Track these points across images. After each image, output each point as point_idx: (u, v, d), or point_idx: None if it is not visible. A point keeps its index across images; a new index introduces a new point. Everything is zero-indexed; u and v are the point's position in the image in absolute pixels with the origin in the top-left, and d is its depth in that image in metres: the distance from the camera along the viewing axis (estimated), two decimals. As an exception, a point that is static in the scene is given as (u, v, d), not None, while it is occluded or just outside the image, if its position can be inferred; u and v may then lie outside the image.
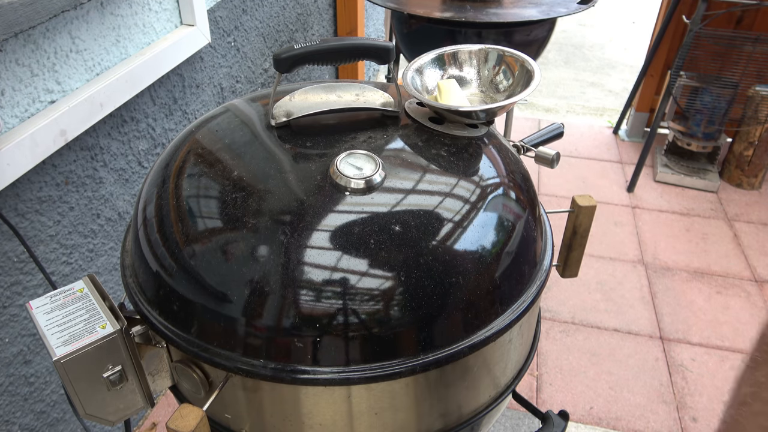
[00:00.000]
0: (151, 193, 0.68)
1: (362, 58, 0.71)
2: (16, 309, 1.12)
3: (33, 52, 1.04)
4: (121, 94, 1.23)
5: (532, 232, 0.68)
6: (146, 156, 1.43)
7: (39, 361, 1.21)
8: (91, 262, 1.31)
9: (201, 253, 0.60)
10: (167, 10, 1.39)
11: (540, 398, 1.68)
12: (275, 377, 0.57)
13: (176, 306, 0.61)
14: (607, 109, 3.25)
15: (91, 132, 1.22)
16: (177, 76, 1.49)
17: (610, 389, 1.70)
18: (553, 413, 0.72)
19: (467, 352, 0.59)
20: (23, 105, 1.04)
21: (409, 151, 0.68)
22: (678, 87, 2.43)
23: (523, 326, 0.69)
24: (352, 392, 0.59)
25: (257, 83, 1.96)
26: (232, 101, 0.79)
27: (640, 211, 2.43)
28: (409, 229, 0.59)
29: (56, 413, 1.29)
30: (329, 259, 0.57)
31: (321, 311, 0.56)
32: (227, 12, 1.69)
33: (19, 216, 1.09)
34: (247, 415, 0.64)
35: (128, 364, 0.61)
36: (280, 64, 0.67)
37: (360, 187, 0.60)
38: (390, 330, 0.56)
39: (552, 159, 0.84)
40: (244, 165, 0.65)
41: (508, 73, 0.80)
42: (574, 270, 0.87)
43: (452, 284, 0.58)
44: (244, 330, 0.57)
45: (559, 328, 1.89)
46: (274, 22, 2.02)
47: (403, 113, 0.74)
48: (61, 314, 0.60)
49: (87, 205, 1.26)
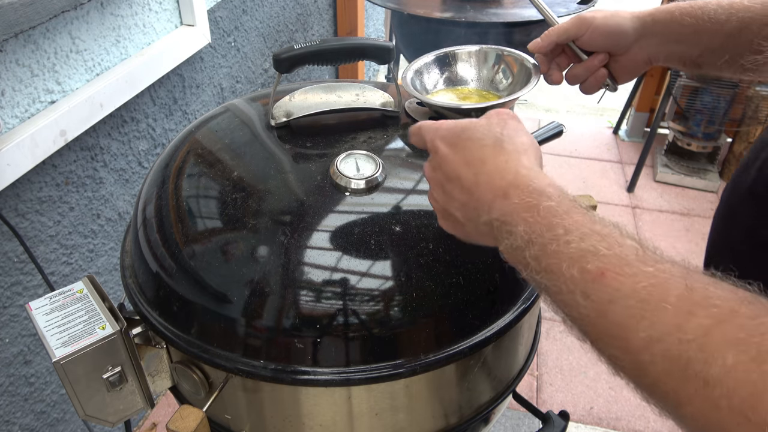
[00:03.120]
0: (150, 194, 0.68)
1: (362, 58, 0.71)
2: (16, 309, 1.12)
3: (33, 53, 1.04)
4: (121, 94, 1.23)
5: (532, 232, 0.68)
6: (146, 156, 1.43)
7: (39, 361, 1.21)
8: (91, 263, 1.31)
9: (201, 253, 0.59)
10: (167, 11, 1.39)
11: (540, 398, 1.68)
12: (275, 378, 0.57)
13: (176, 307, 0.60)
14: (607, 109, 3.25)
15: (91, 132, 1.22)
16: (177, 77, 1.49)
17: (611, 389, 1.69)
18: (554, 413, 0.72)
19: (468, 352, 0.59)
20: (23, 105, 1.04)
21: (409, 151, 0.68)
22: (678, 87, 2.43)
23: (524, 326, 0.69)
24: (352, 393, 0.59)
25: (257, 83, 1.95)
26: (232, 101, 0.79)
27: (640, 211, 2.42)
28: (409, 229, 0.58)
29: (56, 413, 1.29)
30: (329, 259, 0.57)
31: (321, 312, 0.55)
32: (227, 12, 1.69)
33: (19, 216, 1.09)
34: (247, 416, 0.64)
35: (128, 365, 0.61)
36: (280, 64, 0.67)
37: (360, 187, 0.60)
38: (390, 331, 0.56)
39: None
40: (244, 165, 0.65)
41: (508, 72, 0.80)
42: (575, 270, 0.87)
43: (453, 285, 0.58)
44: (244, 331, 0.57)
45: (559, 328, 1.89)
46: (274, 22, 2.02)
47: (403, 113, 0.74)
48: (61, 315, 0.59)
49: (87, 205, 1.26)
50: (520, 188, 0.45)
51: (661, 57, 0.73)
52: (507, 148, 0.48)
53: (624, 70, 0.75)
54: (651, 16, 0.72)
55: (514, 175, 0.46)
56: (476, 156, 0.49)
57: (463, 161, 0.49)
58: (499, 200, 0.46)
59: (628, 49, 0.73)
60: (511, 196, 0.45)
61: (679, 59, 0.73)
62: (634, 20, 0.72)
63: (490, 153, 0.48)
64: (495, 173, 0.47)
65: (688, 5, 0.70)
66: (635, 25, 0.71)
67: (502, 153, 0.48)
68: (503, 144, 0.49)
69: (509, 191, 0.45)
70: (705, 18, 0.68)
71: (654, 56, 0.73)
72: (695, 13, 0.69)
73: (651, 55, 0.73)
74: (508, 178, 0.46)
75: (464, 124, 0.51)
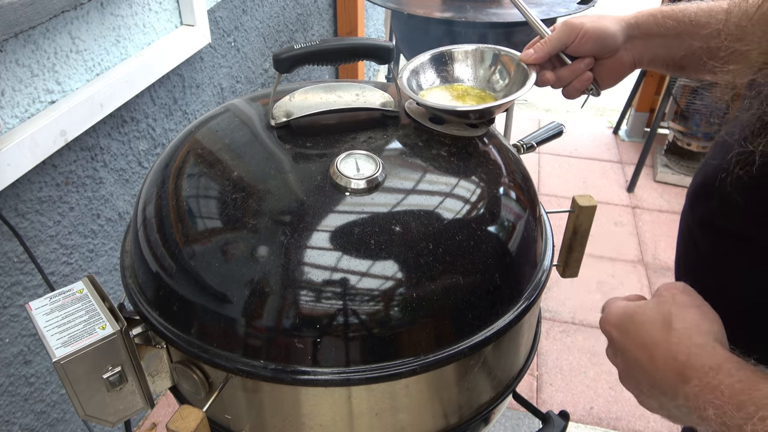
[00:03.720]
0: (150, 194, 0.68)
1: (362, 58, 0.71)
2: (16, 309, 1.12)
3: (33, 53, 1.04)
4: (121, 94, 1.23)
5: (532, 232, 0.68)
6: (146, 156, 1.43)
7: (39, 361, 1.21)
8: (91, 263, 1.31)
9: (201, 253, 0.59)
10: (167, 11, 1.39)
11: (540, 398, 1.68)
12: (275, 378, 0.57)
13: (176, 307, 0.60)
14: (607, 109, 3.25)
15: (91, 132, 1.22)
16: (177, 77, 1.49)
17: (610, 389, 1.70)
18: (554, 413, 0.72)
19: (468, 352, 0.59)
20: (23, 105, 1.04)
21: (409, 151, 0.68)
22: (678, 87, 2.43)
23: (524, 326, 0.69)
24: (352, 393, 0.59)
25: (257, 83, 1.95)
26: (232, 101, 0.78)
27: (640, 211, 2.42)
28: (409, 229, 0.58)
29: (56, 413, 1.29)
30: (329, 259, 0.57)
31: (321, 312, 0.55)
32: (227, 12, 1.69)
33: (19, 216, 1.09)
34: (247, 416, 0.64)
35: (128, 365, 0.61)
36: (280, 64, 0.67)
37: (360, 187, 0.60)
38: (390, 331, 0.56)
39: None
40: (244, 165, 0.65)
41: (504, 72, 0.79)
42: (575, 270, 0.87)
43: (452, 285, 0.58)
44: (244, 331, 0.57)
45: (559, 328, 1.89)
46: (274, 22, 2.02)
47: (403, 113, 0.74)
48: (61, 315, 0.59)
49: (87, 205, 1.26)
50: (696, 369, 0.45)
51: (645, 59, 0.74)
52: (676, 326, 0.48)
53: (609, 73, 0.76)
54: (635, 18, 0.73)
55: (686, 355, 0.46)
56: (647, 340, 0.49)
57: (636, 346, 0.50)
58: (681, 385, 0.45)
59: (615, 52, 0.73)
60: (691, 378, 0.45)
61: (662, 62, 0.74)
62: (621, 23, 0.73)
63: (661, 335, 0.48)
64: (668, 355, 0.47)
65: (670, 9, 0.72)
66: (621, 27, 0.72)
67: (673, 333, 0.48)
68: (672, 323, 0.49)
69: (687, 373, 0.45)
70: (686, 21, 0.70)
71: (638, 59, 0.74)
72: (676, 15, 0.71)
73: (636, 57, 0.74)
74: (681, 359, 0.46)
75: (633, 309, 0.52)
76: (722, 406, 0.42)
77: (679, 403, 0.46)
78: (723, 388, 0.42)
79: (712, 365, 0.44)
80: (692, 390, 0.44)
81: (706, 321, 0.49)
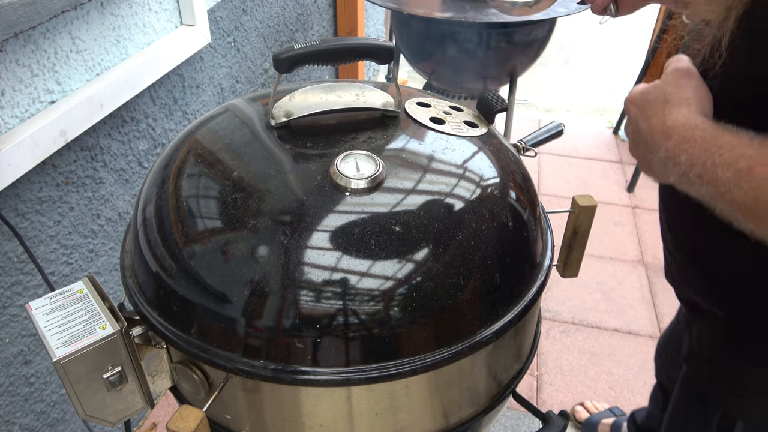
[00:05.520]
0: (150, 194, 0.68)
1: (362, 58, 0.71)
2: (16, 309, 1.12)
3: (33, 53, 1.04)
4: (121, 94, 1.23)
5: (532, 232, 0.68)
6: (146, 156, 1.43)
7: (39, 361, 1.21)
8: (91, 263, 1.31)
9: (201, 253, 0.59)
10: (167, 11, 1.39)
11: (540, 398, 1.68)
12: (275, 378, 0.57)
13: (176, 307, 0.60)
14: (607, 109, 3.25)
15: (91, 132, 1.22)
16: (177, 77, 1.49)
17: (610, 389, 1.70)
18: (554, 413, 0.72)
19: (467, 352, 0.59)
20: (23, 105, 1.04)
21: (409, 151, 0.68)
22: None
23: (524, 326, 0.69)
24: (352, 393, 0.59)
25: (257, 83, 1.95)
26: (232, 101, 0.78)
27: (640, 211, 2.42)
28: (409, 229, 0.58)
29: (56, 413, 1.29)
30: (329, 259, 0.57)
31: (321, 312, 0.55)
32: (227, 12, 1.69)
33: (20, 216, 1.09)
34: (247, 416, 0.64)
35: (128, 365, 0.61)
36: (280, 64, 0.67)
37: (360, 187, 0.60)
38: (390, 331, 0.56)
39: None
40: (244, 165, 0.65)
41: None
42: (575, 270, 0.87)
43: (452, 285, 0.58)
44: (244, 331, 0.57)
45: (559, 328, 1.89)
46: (274, 22, 2.02)
47: (403, 113, 0.74)
48: (61, 315, 0.59)
49: (87, 205, 1.26)
50: (677, 128, 0.57)
51: None
52: (672, 101, 0.59)
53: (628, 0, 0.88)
54: None
55: (673, 120, 0.58)
56: (649, 112, 0.61)
57: (642, 117, 0.62)
58: (665, 140, 0.57)
59: None
60: (672, 136, 0.57)
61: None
62: None
63: (659, 107, 0.60)
64: (660, 122, 0.59)
65: None
66: None
67: (668, 106, 0.59)
68: (669, 99, 0.60)
69: (670, 132, 0.57)
70: None
71: None
72: None
73: None
74: (669, 123, 0.58)
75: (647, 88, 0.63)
76: (692, 150, 0.55)
77: (660, 156, 0.58)
78: (696, 138, 0.55)
79: (691, 124, 0.56)
80: (672, 144, 0.57)
81: (698, 101, 0.59)
